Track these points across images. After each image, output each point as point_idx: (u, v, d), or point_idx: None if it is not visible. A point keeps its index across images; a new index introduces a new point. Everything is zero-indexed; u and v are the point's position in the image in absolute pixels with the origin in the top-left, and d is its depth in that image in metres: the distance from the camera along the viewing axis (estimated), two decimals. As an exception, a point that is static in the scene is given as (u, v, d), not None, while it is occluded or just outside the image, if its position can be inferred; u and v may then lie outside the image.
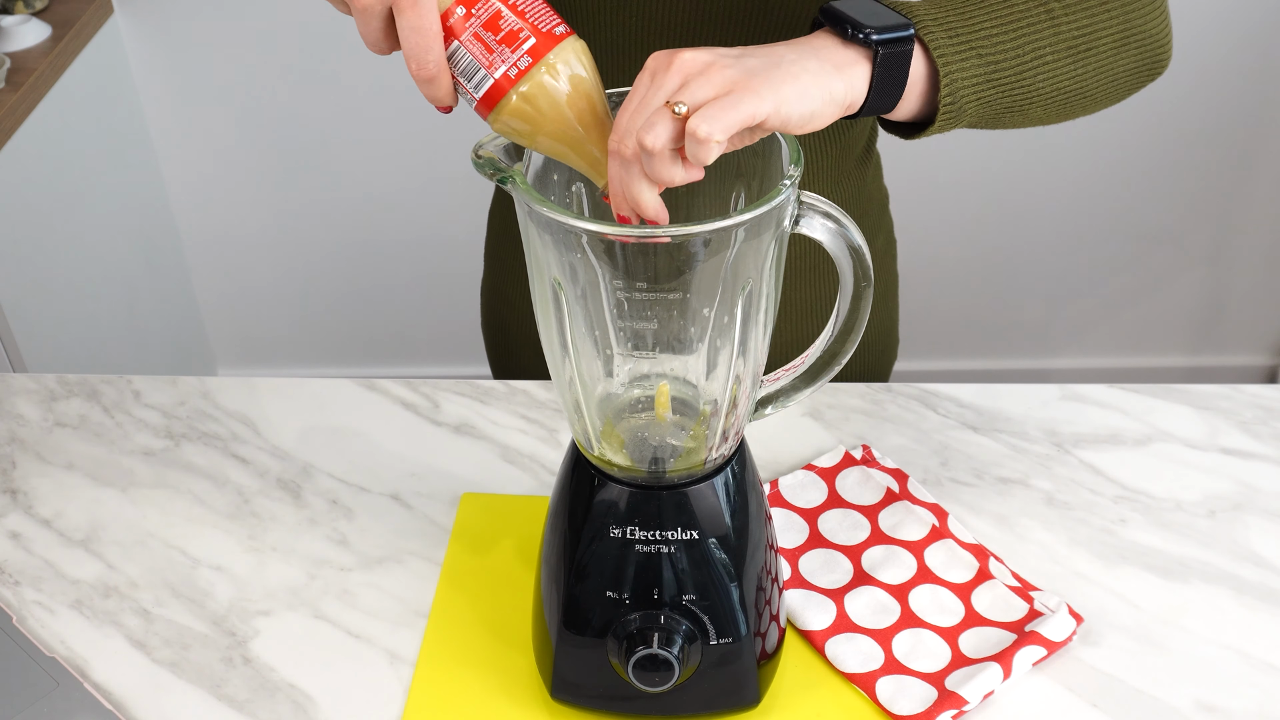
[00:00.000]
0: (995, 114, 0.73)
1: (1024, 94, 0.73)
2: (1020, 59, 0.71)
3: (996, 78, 0.71)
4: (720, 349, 0.67)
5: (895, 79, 0.67)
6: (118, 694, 0.78)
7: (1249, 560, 0.86)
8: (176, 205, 2.21)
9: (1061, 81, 0.74)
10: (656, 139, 0.58)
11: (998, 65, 0.71)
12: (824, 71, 0.63)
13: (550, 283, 0.65)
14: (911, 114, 0.71)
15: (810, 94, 0.62)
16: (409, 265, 2.27)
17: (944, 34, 0.69)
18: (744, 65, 0.61)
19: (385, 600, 0.84)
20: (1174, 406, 1.00)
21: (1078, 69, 0.74)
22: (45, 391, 1.03)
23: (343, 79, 2.04)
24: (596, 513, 0.70)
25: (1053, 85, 0.74)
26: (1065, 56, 0.73)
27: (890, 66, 0.66)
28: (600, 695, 0.74)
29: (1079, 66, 0.74)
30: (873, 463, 0.92)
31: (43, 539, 0.89)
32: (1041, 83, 0.73)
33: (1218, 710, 0.76)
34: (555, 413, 1.00)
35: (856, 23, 0.65)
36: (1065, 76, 0.74)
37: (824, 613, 0.80)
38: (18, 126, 1.69)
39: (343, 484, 0.94)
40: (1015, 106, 0.73)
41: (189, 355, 2.31)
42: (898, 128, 0.74)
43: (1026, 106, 0.74)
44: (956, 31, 0.69)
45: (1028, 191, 2.17)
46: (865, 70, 0.65)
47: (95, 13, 1.91)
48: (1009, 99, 0.72)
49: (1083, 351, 2.39)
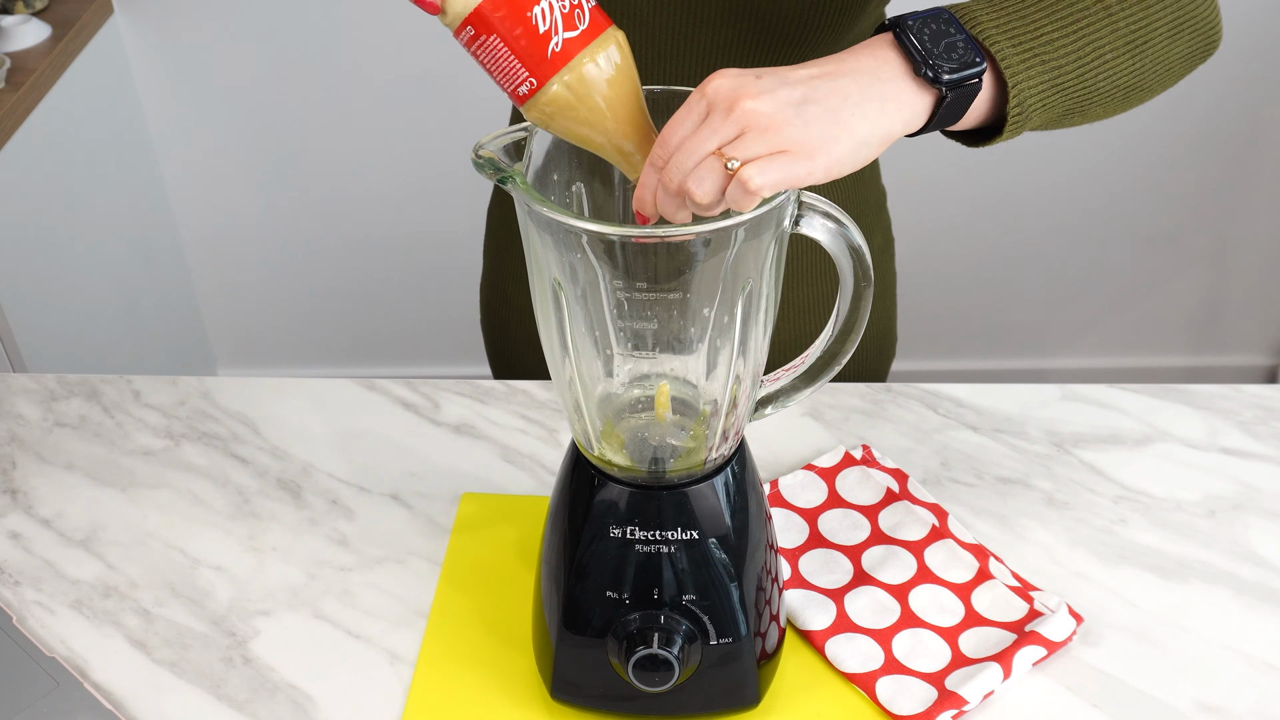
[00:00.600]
0: (1057, 117, 0.71)
1: (1085, 95, 0.71)
2: (1081, 61, 0.69)
3: (1060, 82, 0.69)
4: (720, 349, 0.67)
5: (959, 109, 0.66)
6: (118, 694, 0.78)
7: (1249, 560, 0.86)
8: (176, 205, 2.21)
9: (1120, 78, 0.72)
10: (706, 194, 0.58)
11: (1061, 70, 0.69)
12: (884, 113, 0.62)
13: (550, 283, 0.65)
14: (975, 124, 0.70)
15: (864, 148, 0.61)
16: (409, 265, 2.27)
17: (1009, 43, 0.67)
18: (804, 120, 0.59)
19: (385, 600, 0.84)
20: (1174, 406, 1.00)
21: (1135, 63, 0.72)
22: (45, 391, 1.03)
23: (343, 79, 2.04)
24: (596, 513, 0.70)
25: (1112, 83, 0.72)
26: (1124, 52, 0.71)
27: (956, 103, 0.65)
28: (600, 695, 0.74)
29: (1136, 60, 0.72)
30: (873, 463, 0.92)
31: (43, 539, 0.89)
32: (1102, 81, 0.71)
33: (1217, 710, 0.76)
34: (555, 413, 1.00)
35: (928, 59, 0.63)
36: (1124, 72, 0.72)
37: (824, 613, 0.80)
38: (18, 126, 1.69)
39: (343, 484, 0.94)
40: (1077, 108, 0.72)
41: (189, 355, 2.31)
42: (961, 135, 0.73)
43: (1087, 107, 0.72)
44: (1020, 40, 0.67)
45: (1027, 191, 2.17)
46: (928, 106, 0.64)
47: (95, 13, 1.91)
48: (1071, 101, 0.71)
49: (1083, 351, 2.39)
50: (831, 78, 0.62)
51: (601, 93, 0.61)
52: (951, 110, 0.65)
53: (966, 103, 0.66)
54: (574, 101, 0.61)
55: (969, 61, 0.64)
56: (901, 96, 0.63)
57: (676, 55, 0.87)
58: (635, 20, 0.86)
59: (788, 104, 0.60)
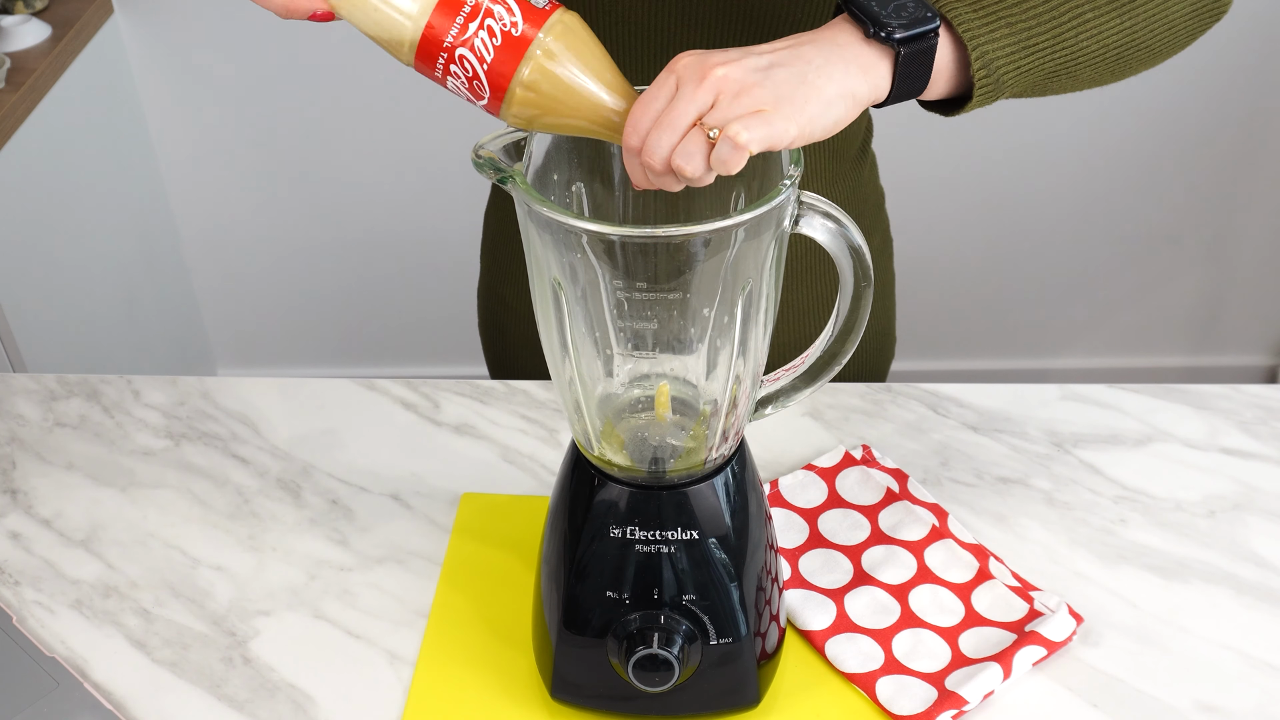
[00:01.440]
0: (1039, 81, 0.70)
1: (1068, 56, 0.70)
2: (1056, 20, 0.69)
3: (1033, 43, 0.68)
4: (720, 349, 0.67)
5: (920, 71, 0.66)
6: (118, 694, 0.78)
7: (1249, 560, 0.86)
8: (176, 205, 2.21)
9: (1108, 38, 0.71)
10: (696, 168, 0.60)
11: (1030, 31, 0.68)
12: (848, 75, 0.63)
13: (550, 283, 0.65)
14: (946, 92, 0.69)
15: (834, 106, 0.62)
16: (409, 265, 2.27)
17: (966, 8, 0.67)
18: (773, 82, 0.61)
19: (385, 600, 0.84)
20: (1174, 406, 1.00)
21: (1125, 22, 0.71)
22: (45, 391, 1.03)
23: (343, 79, 2.04)
24: (596, 513, 0.70)
25: (1098, 43, 0.70)
26: (1107, 11, 0.70)
27: (913, 61, 0.65)
28: (600, 695, 0.74)
29: (1125, 19, 0.71)
30: (873, 463, 0.92)
31: (43, 539, 0.89)
32: (1086, 41, 0.70)
33: (1218, 710, 0.76)
34: (555, 413, 1.00)
35: (877, 19, 0.64)
36: (1112, 31, 0.71)
37: (824, 613, 0.80)
38: (18, 126, 1.69)
39: (343, 484, 0.94)
40: (1061, 70, 0.70)
41: (189, 355, 2.31)
42: (937, 105, 0.72)
43: (1074, 69, 0.71)
44: (980, 2, 0.67)
45: (1027, 191, 2.17)
46: (888, 68, 0.64)
47: (95, 13, 1.91)
48: (1052, 63, 0.70)
49: (1083, 351, 2.39)
50: (794, 48, 0.64)
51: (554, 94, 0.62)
52: (912, 71, 0.65)
53: (926, 63, 0.66)
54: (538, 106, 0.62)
55: (920, 18, 0.64)
56: (861, 58, 0.64)
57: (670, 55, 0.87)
58: (628, 21, 0.86)
59: (755, 69, 0.61)
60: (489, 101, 0.62)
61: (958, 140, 2.07)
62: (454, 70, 0.61)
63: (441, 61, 0.61)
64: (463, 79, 0.62)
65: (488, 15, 0.60)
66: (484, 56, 0.61)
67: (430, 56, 0.61)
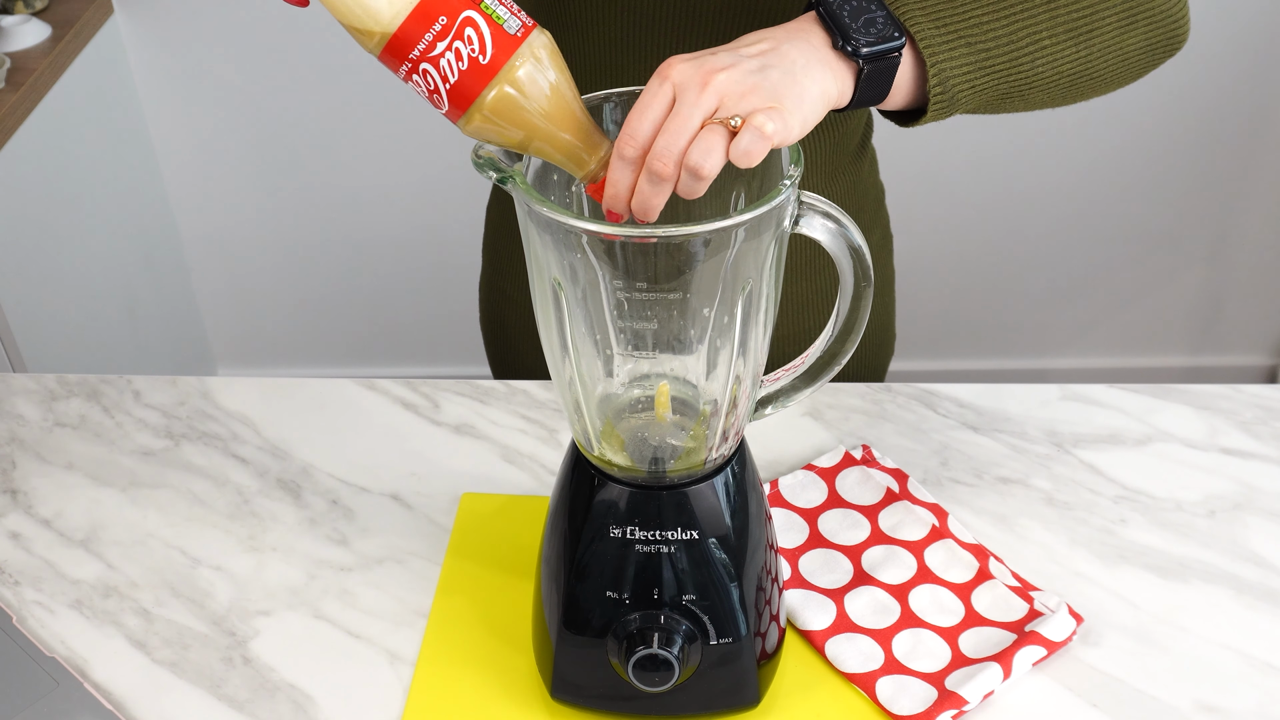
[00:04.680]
0: (992, 100, 0.72)
1: (1022, 79, 0.72)
2: (1014, 45, 0.70)
3: (990, 65, 0.70)
4: (720, 349, 0.67)
5: (881, 83, 0.67)
6: (118, 694, 0.78)
7: (1249, 560, 0.86)
8: (176, 205, 2.21)
9: (1063, 65, 0.72)
10: (715, 164, 0.60)
11: (989, 53, 0.70)
12: (825, 76, 0.65)
13: (550, 283, 0.65)
14: (904, 104, 0.71)
15: (816, 105, 0.64)
16: (409, 266, 2.27)
17: (931, 24, 0.69)
18: (770, 83, 0.62)
19: (385, 600, 0.84)
20: (1174, 406, 1.00)
21: (1080, 51, 0.73)
22: (45, 391, 1.03)
23: (342, 79, 2.04)
24: (596, 513, 0.70)
25: (1053, 69, 0.72)
26: (1064, 40, 0.72)
27: (876, 75, 0.66)
28: (600, 695, 0.74)
29: (1081, 49, 0.73)
30: (873, 463, 0.92)
31: (43, 539, 0.89)
32: (1041, 67, 0.72)
33: (1218, 710, 0.76)
34: (555, 413, 1.00)
35: (846, 33, 0.65)
36: (1066, 60, 0.72)
37: (824, 613, 0.80)
38: (18, 126, 1.69)
39: (343, 484, 0.94)
40: (1014, 92, 0.72)
41: (189, 355, 2.31)
42: (895, 115, 0.74)
43: (1026, 91, 0.73)
44: (944, 20, 0.69)
45: (1027, 191, 2.17)
46: (851, 78, 0.66)
47: (95, 13, 1.91)
48: (1006, 85, 0.71)
49: (1083, 351, 2.39)
50: (777, 47, 0.64)
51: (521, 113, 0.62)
52: (873, 83, 0.67)
53: (887, 77, 0.67)
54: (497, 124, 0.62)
55: (887, 36, 0.66)
56: (831, 64, 0.65)
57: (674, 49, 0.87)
58: (634, 14, 0.86)
59: (751, 71, 0.62)
60: (448, 113, 0.62)
61: (955, 140, 2.07)
62: (415, 80, 0.61)
63: (404, 69, 0.61)
64: (423, 89, 0.62)
65: (456, 38, 0.60)
66: (448, 77, 0.61)
67: (395, 60, 0.61)
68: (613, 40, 0.88)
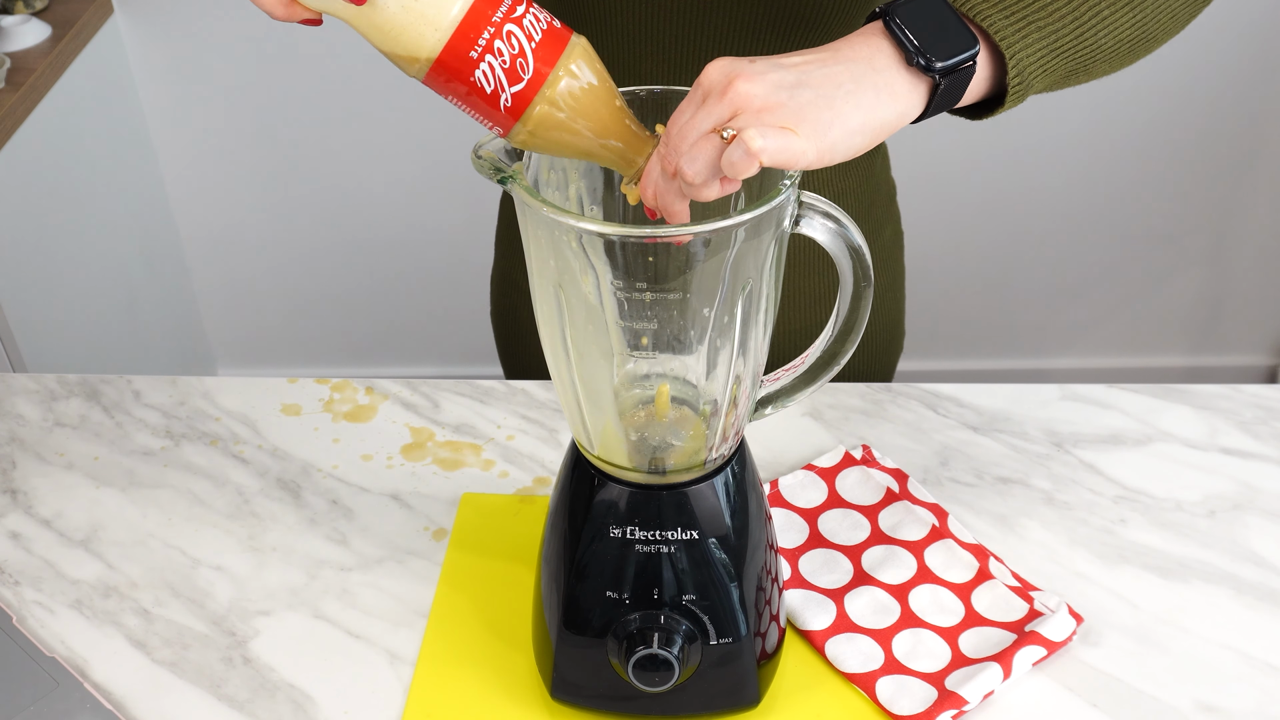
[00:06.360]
0: (1059, 79, 0.70)
1: (1087, 54, 0.70)
2: (1079, 21, 0.68)
3: (1059, 45, 0.68)
4: (720, 349, 0.67)
5: (957, 91, 0.65)
6: (118, 694, 0.78)
7: (1249, 560, 0.86)
8: (176, 205, 2.21)
9: (1122, 33, 0.71)
10: (698, 172, 0.59)
11: (1058, 34, 0.68)
12: (878, 103, 0.62)
13: (550, 283, 0.65)
14: (975, 99, 0.69)
15: (855, 137, 0.61)
16: (409, 266, 2.27)
17: (1002, 16, 0.66)
18: (797, 104, 0.59)
19: (385, 600, 0.84)
20: (1174, 406, 1.00)
21: (1136, 16, 0.71)
22: (45, 391, 1.03)
23: (343, 79, 2.04)
24: (596, 513, 0.70)
25: (1114, 39, 0.70)
26: (1122, 8, 0.70)
27: (952, 86, 0.64)
28: (600, 695, 0.74)
29: (1137, 14, 0.71)
30: (873, 463, 0.92)
31: (43, 539, 0.89)
32: (1103, 39, 0.70)
33: (1218, 710, 0.76)
34: (555, 413, 1.00)
35: (918, 48, 0.62)
36: (1125, 26, 0.70)
37: (824, 613, 0.80)
38: (18, 126, 1.69)
39: (343, 484, 0.94)
40: (1080, 68, 0.70)
41: (189, 355, 2.31)
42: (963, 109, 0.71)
43: (1091, 65, 0.71)
44: (1011, 9, 0.66)
45: (1027, 191, 2.17)
46: (924, 94, 0.63)
47: (95, 13, 1.91)
48: (1073, 62, 0.69)
49: (1083, 351, 2.39)
50: (825, 64, 0.62)
51: (565, 124, 0.62)
52: (949, 94, 0.65)
53: (963, 86, 0.65)
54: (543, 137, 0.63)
55: (962, 44, 0.63)
56: (895, 85, 0.62)
57: (692, 37, 0.87)
58: (651, 2, 0.86)
59: (780, 87, 0.60)
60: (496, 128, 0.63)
61: (954, 141, 2.07)
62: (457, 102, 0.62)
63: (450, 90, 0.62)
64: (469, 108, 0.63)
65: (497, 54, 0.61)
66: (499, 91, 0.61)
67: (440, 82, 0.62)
68: (627, 29, 0.87)
